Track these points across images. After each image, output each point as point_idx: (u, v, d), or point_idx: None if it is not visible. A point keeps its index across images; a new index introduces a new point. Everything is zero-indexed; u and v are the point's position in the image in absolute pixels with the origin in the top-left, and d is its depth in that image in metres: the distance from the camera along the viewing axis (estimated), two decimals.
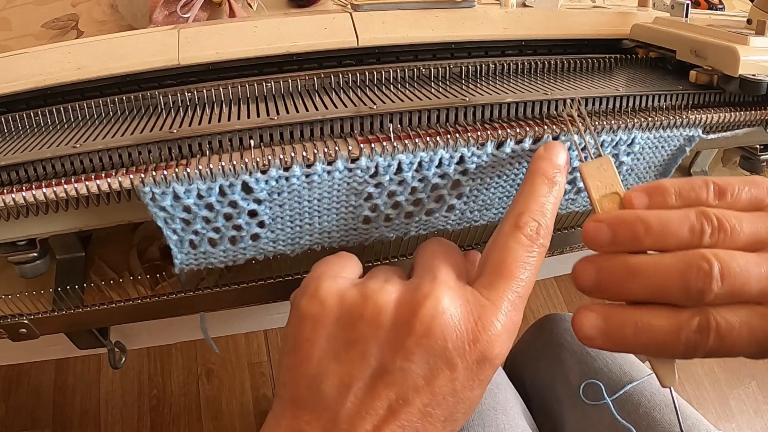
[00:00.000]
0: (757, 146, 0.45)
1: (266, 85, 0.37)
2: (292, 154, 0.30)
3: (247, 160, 0.30)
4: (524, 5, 0.48)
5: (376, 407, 0.25)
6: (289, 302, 0.30)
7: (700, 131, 0.37)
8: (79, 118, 0.35)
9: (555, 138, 0.33)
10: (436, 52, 0.43)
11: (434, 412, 0.25)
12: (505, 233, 0.27)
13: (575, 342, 0.67)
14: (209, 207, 0.31)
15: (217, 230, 0.33)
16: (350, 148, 0.31)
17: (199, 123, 0.32)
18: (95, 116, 0.35)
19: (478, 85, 0.37)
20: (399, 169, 0.32)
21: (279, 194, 0.31)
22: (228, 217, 0.32)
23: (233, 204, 0.31)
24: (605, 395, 0.59)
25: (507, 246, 0.27)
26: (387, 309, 0.26)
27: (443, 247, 0.30)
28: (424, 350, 0.25)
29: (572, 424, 0.63)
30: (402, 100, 0.34)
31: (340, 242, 0.36)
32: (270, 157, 0.30)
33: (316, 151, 0.30)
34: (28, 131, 0.34)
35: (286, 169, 0.30)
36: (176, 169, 0.29)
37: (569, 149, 0.33)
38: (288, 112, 0.33)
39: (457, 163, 0.33)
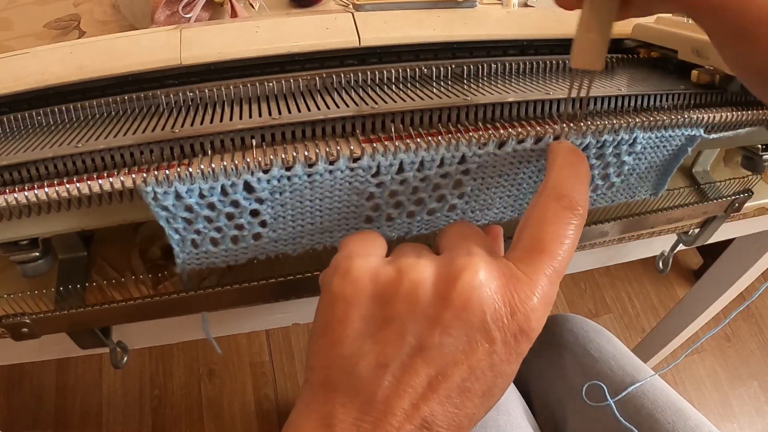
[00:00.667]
0: (759, 146, 0.45)
1: (268, 85, 0.37)
2: (294, 154, 0.30)
3: (249, 159, 0.30)
4: (526, 5, 0.48)
5: (414, 385, 0.24)
6: (319, 283, 0.29)
7: (701, 131, 0.37)
8: (81, 117, 0.35)
9: (556, 138, 0.33)
10: (437, 52, 0.43)
11: (472, 386, 0.25)
12: (542, 205, 0.27)
13: (577, 343, 0.67)
14: (211, 206, 0.31)
15: (219, 230, 0.33)
16: (352, 147, 0.31)
17: (201, 123, 0.32)
18: (97, 116, 0.35)
19: (480, 84, 0.37)
20: (401, 169, 0.32)
21: (281, 194, 0.31)
22: (230, 217, 0.32)
23: (235, 203, 0.31)
24: (608, 396, 0.59)
25: (544, 218, 0.26)
26: (424, 284, 0.25)
27: (468, 227, 0.30)
28: (463, 323, 0.24)
29: (574, 425, 0.63)
30: (404, 100, 0.34)
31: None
32: (272, 157, 0.30)
33: (318, 151, 0.30)
34: (30, 131, 0.34)
35: (288, 169, 0.30)
36: (178, 169, 0.29)
37: None
38: (290, 112, 0.33)
39: (459, 163, 0.33)
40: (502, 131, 0.33)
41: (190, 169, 0.29)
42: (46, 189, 0.29)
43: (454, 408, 0.25)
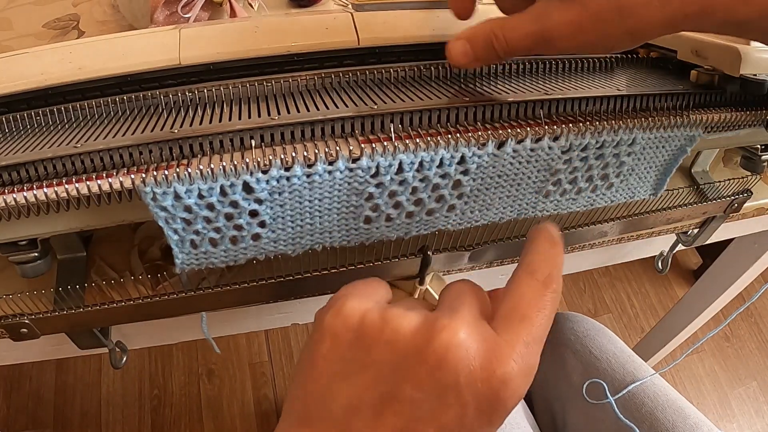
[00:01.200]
0: (758, 146, 0.45)
1: (267, 85, 0.37)
2: (293, 154, 0.30)
3: (248, 160, 0.29)
4: None
5: None
6: (314, 319, 0.30)
7: (701, 131, 0.37)
8: (80, 117, 0.35)
9: (556, 139, 0.33)
10: (437, 52, 0.43)
11: None
12: (519, 278, 0.28)
13: (578, 342, 0.67)
14: (210, 207, 0.31)
15: (218, 230, 0.33)
16: (351, 148, 0.31)
17: (200, 123, 0.32)
18: (96, 116, 0.35)
19: (479, 84, 0.37)
20: (400, 169, 0.32)
21: (280, 194, 0.31)
22: (229, 217, 0.32)
23: (234, 204, 0.31)
24: (608, 395, 0.59)
25: (522, 291, 0.27)
26: (404, 335, 0.25)
27: (469, 286, 0.30)
28: (436, 382, 0.24)
29: (575, 423, 0.63)
30: (403, 100, 0.34)
31: (341, 242, 0.36)
32: (271, 157, 0.30)
33: (317, 151, 0.30)
34: (29, 131, 0.34)
35: (287, 169, 0.30)
36: (177, 169, 0.29)
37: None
38: (289, 112, 0.33)
39: (458, 163, 0.33)
40: (501, 131, 0.33)
41: (189, 170, 0.29)
42: (45, 189, 0.29)
43: None
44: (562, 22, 0.29)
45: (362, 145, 0.31)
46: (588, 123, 0.34)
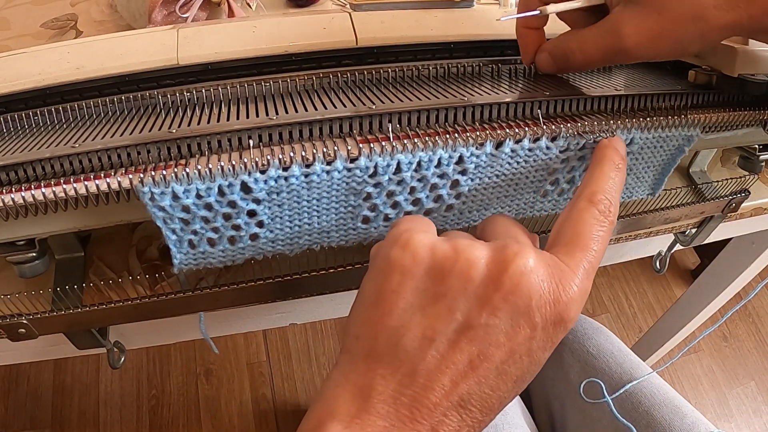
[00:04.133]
0: (756, 146, 0.45)
1: (265, 85, 0.37)
2: (291, 154, 0.30)
3: (246, 160, 0.29)
4: None
5: (456, 362, 0.25)
6: (372, 255, 0.29)
7: (698, 131, 0.37)
8: (78, 117, 0.35)
9: (554, 138, 0.33)
10: (435, 52, 0.43)
11: (509, 370, 0.26)
12: (580, 208, 0.29)
13: (576, 341, 0.67)
14: (208, 207, 0.31)
15: (216, 230, 0.33)
16: (349, 148, 0.31)
17: (198, 123, 0.32)
18: (94, 116, 0.35)
19: (477, 85, 0.38)
20: (398, 169, 0.32)
21: (278, 194, 0.31)
22: (227, 217, 0.32)
23: (232, 204, 0.31)
24: (605, 394, 0.59)
25: (582, 219, 0.28)
26: (478, 264, 0.26)
27: (512, 220, 0.31)
28: (510, 306, 0.25)
29: (572, 422, 0.63)
30: (401, 100, 0.34)
31: (339, 242, 0.36)
32: (269, 157, 0.30)
33: (315, 151, 0.30)
34: (27, 131, 0.34)
35: (285, 169, 0.30)
36: (175, 169, 0.29)
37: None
38: (287, 112, 0.33)
39: (456, 163, 0.33)
40: (499, 131, 0.33)
41: (188, 170, 0.29)
42: (44, 189, 0.29)
43: (489, 389, 0.26)
44: (639, 32, 0.32)
45: (360, 145, 0.31)
46: (586, 123, 0.34)
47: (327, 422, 0.24)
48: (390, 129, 0.33)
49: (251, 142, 0.32)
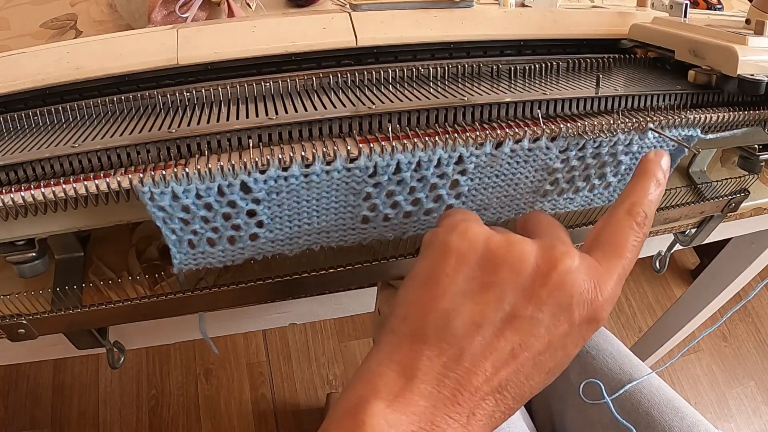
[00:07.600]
0: (756, 146, 0.45)
1: (265, 85, 0.37)
2: (291, 154, 0.30)
3: (245, 160, 0.29)
4: (523, 5, 0.48)
5: (499, 349, 0.26)
6: (426, 241, 0.30)
7: (698, 131, 0.37)
8: (78, 117, 0.35)
9: (553, 138, 0.33)
10: (434, 52, 0.43)
11: (544, 362, 0.27)
12: (620, 218, 0.30)
13: None
14: (208, 207, 0.31)
15: (215, 230, 0.33)
16: (349, 147, 0.31)
17: (198, 123, 0.32)
18: (94, 116, 0.35)
19: (477, 85, 0.37)
20: (398, 169, 0.32)
21: (278, 194, 0.31)
22: (227, 217, 0.32)
23: (232, 204, 0.31)
24: (605, 394, 0.59)
25: (621, 228, 0.30)
26: (528, 258, 0.27)
27: (552, 218, 0.33)
28: (554, 302, 0.27)
29: (572, 422, 0.63)
30: (401, 100, 0.34)
31: (338, 242, 0.36)
32: (269, 157, 0.30)
33: (314, 151, 0.30)
34: (27, 131, 0.34)
35: (284, 169, 0.30)
36: (175, 169, 0.29)
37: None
38: (287, 112, 0.33)
39: (456, 163, 0.33)
40: (499, 131, 0.33)
41: (187, 170, 0.29)
42: (43, 189, 0.29)
43: (524, 378, 0.27)
44: None
45: (360, 145, 0.31)
46: (586, 123, 0.34)
47: (371, 399, 0.25)
48: (389, 129, 0.33)
49: (251, 142, 0.32)
